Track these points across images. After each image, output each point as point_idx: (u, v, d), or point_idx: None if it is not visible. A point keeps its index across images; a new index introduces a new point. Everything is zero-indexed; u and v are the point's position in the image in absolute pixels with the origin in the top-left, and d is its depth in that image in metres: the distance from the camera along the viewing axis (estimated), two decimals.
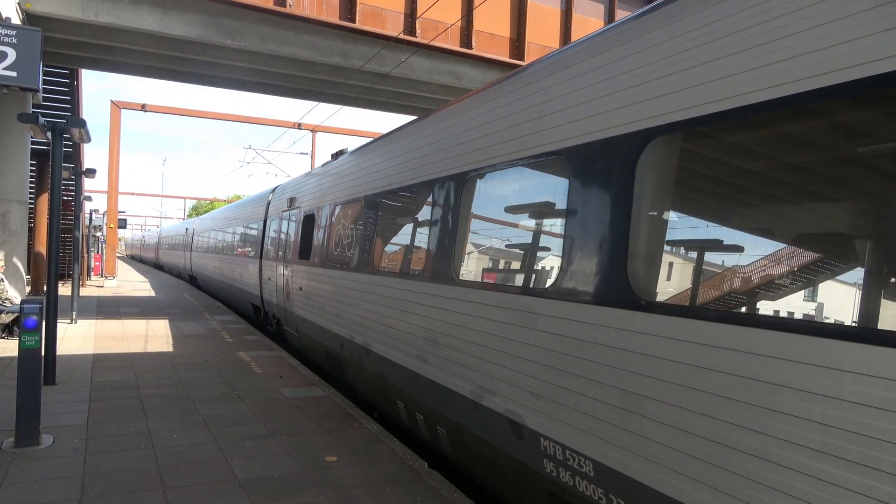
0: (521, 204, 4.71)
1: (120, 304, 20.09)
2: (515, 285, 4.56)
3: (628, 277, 3.40)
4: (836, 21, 2.50)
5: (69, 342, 11.82)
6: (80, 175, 14.60)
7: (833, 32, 2.50)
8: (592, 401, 3.58)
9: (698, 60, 3.15)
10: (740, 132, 2.94)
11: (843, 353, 2.36)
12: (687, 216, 3.37)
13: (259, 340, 13.11)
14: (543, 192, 4.42)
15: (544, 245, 4.42)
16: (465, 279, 5.21)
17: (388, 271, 6.99)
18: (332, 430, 6.85)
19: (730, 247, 3.02)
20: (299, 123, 35.92)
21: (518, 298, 4.39)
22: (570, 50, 4.37)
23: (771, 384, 2.59)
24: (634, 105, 3.54)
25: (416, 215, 6.49)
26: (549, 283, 4.13)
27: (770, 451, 2.58)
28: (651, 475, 3.16)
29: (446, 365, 5.37)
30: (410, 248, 6.51)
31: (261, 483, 5.25)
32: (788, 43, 2.70)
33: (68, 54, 15.11)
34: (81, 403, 7.48)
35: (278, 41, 13.57)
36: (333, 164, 10.07)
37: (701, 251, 3.18)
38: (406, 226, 6.82)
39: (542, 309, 4.10)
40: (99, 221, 33.10)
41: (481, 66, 15.37)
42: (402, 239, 6.89)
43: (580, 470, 3.69)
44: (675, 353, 3.04)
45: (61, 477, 5.19)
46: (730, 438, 2.75)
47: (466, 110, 5.57)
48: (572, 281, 3.84)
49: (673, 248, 3.38)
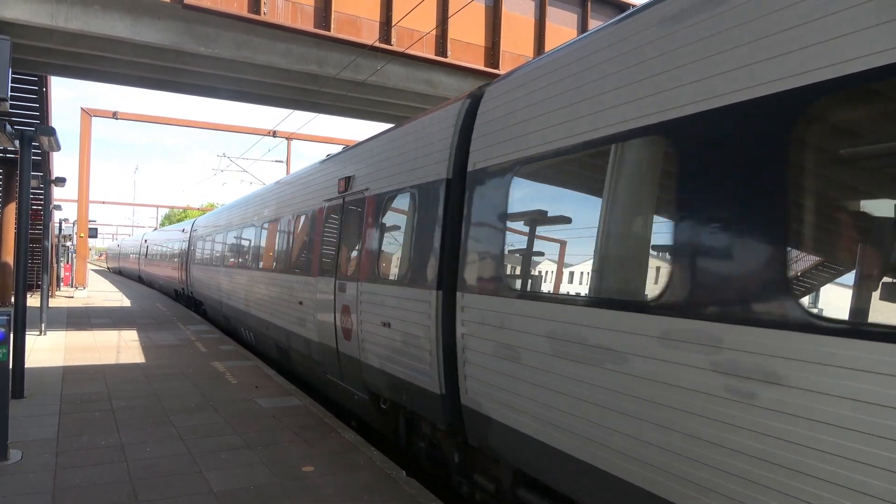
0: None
1: (91, 314, 19.71)
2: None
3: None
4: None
5: (38, 354, 11.56)
6: (50, 184, 14.34)
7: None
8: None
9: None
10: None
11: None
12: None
13: (234, 350, 12.97)
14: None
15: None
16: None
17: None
18: (309, 439, 6.80)
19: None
20: (274, 131, 35.67)
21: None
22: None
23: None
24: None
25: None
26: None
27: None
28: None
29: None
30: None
31: (237, 494, 5.20)
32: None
33: (37, 61, 14.83)
34: (51, 417, 7.33)
35: (253, 49, 13.49)
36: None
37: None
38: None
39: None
40: (69, 231, 32.47)
41: (457, 75, 15.46)
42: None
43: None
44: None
45: (30, 493, 5.08)
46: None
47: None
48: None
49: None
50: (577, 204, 4.16)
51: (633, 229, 3.60)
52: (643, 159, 3.61)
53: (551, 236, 4.36)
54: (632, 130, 3.60)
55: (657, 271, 3.41)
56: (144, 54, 13.95)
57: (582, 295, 3.89)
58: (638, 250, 3.55)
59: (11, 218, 20.84)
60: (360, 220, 7.37)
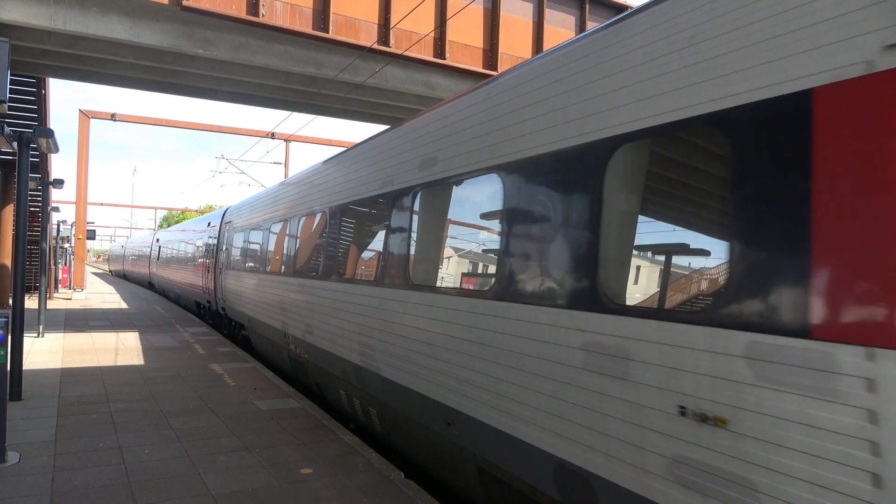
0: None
1: (89, 316, 19.68)
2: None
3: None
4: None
5: (36, 356, 11.54)
6: (48, 185, 14.33)
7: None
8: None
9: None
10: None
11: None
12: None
13: (232, 352, 12.95)
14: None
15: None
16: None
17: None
18: (308, 441, 6.80)
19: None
20: (272, 133, 35.67)
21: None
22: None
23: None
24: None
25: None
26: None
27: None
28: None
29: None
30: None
31: (235, 497, 5.19)
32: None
33: (35, 63, 14.83)
34: (49, 419, 7.31)
35: (251, 51, 13.49)
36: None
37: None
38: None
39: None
40: (67, 232, 32.44)
41: (455, 77, 15.48)
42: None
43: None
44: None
45: (28, 495, 5.07)
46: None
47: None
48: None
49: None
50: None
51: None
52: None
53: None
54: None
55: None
56: (143, 56, 13.95)
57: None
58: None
59: (9, 219, 20.81)
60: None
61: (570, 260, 3.88)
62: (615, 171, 3.63)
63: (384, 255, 6.52)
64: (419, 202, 5.98)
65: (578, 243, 3.81)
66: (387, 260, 6.43)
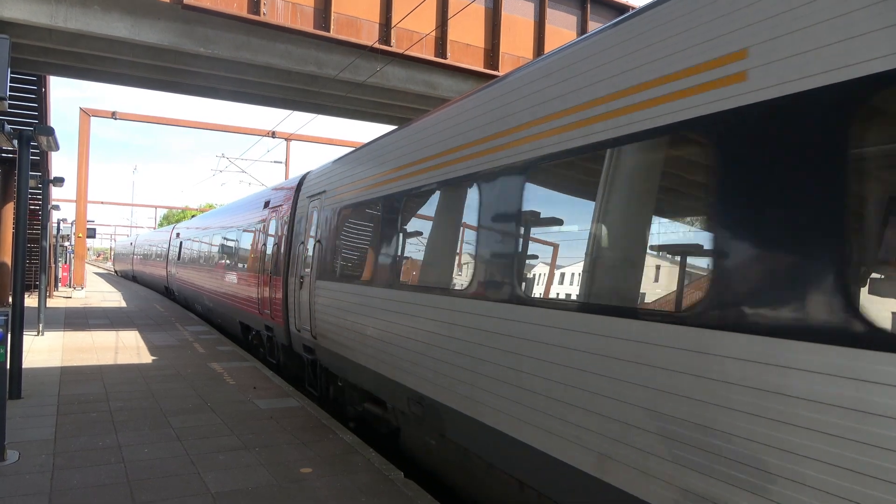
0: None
1: (89, 315, 19.68)
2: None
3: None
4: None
5: (36, 355, 11.54)
6: (48, 184, 14.32)
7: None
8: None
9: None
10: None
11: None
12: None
13: (232, 351, 12.95)
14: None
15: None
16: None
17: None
18: (308, 441, 6.79)
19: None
20: (273, 132, 35.66)
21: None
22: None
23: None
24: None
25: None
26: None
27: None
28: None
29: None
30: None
31: (234, 496, 5.18)
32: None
33: (36, 61, 14.81)
34: (49, 418, 7.31)
35: (252, 50, 13.48)
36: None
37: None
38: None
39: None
40: (67, 231, 32.45)
41: (456, 76, 15.46)
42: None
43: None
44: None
45: (27, 493, 5.06)
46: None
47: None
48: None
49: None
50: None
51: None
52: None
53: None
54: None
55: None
56: (144, 55, 13.94)
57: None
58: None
59: (10, 218, 20.81)
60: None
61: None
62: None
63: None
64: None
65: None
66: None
